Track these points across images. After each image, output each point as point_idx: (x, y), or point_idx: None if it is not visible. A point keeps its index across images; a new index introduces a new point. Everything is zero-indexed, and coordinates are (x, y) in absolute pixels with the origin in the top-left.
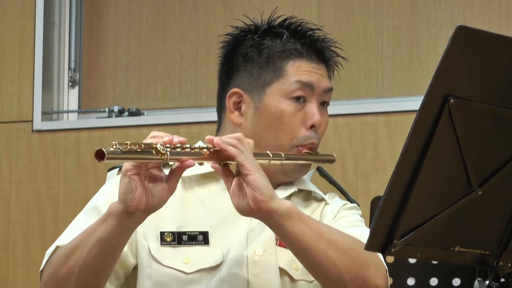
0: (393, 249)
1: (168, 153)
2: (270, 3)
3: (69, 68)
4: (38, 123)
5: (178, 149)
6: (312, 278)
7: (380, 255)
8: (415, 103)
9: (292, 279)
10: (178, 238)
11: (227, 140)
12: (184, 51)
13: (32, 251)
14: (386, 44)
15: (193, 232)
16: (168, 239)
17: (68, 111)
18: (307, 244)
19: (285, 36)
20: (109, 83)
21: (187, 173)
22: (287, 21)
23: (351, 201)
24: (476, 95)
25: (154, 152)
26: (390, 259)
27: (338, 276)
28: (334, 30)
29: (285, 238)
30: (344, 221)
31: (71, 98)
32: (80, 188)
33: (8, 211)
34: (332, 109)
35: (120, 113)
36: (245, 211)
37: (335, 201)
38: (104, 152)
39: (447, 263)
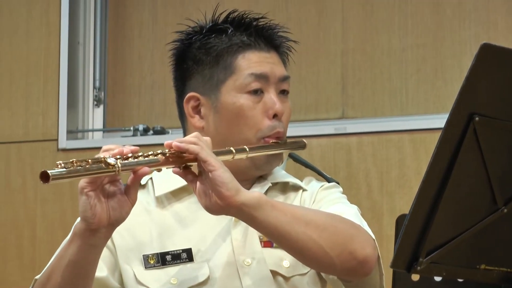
0: (418, 267)
1: (118, 164)
2: (295, 23)
3: (94, 87)
4: (63, 142)
5: (130, 159)
6: (304, 271)
7: (365, 226)
8: (440, 121)
9: (285, 278)
10: (162, 259)
11: (186, 140)
12: None
13: None
14: (411, 62)
15: (176, 251)
16: (151, 262)
17: (93, 130)
18: (285, 230)
19: (229, 31)
20: (134, 101)
21: (159, 191)
22: (230, 16)
23: (329, 180)
24: (501, 113)
25: (104, 165)
26: (416, 277)
27: (324, 254)
28: (359, 48)
29: (261, 229)
30: (324, 201)
31: (96, 117)
32: None
33: (34, 230)
34: (356, 127)
35: (145, 131)
36: (214, 209)
37: (312, 185)
38: (48, 174)
39: (473, 281)
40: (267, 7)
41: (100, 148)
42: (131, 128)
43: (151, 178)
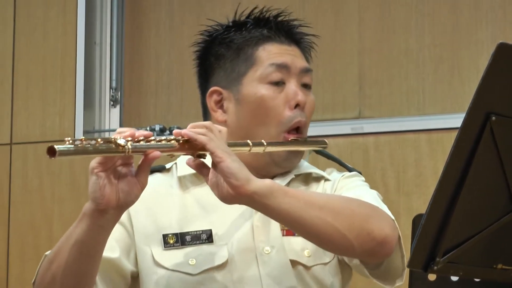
0: (435, 267)
1: (129, 145)
2: (311, 23)
3: (111, 87)
4: None
5: (142, 142)
6: (326, 260)
7: (385, 208)
8: (456, 120)
9: (306, 267)
10: (182, 239)
11: (196, 130)
12: None
13: None
14: (428, 62)
15: (196, 231)
16: (171, 241)
17: (109, 130)
18: (299, 215)
19: (249, 24)
20: (150, 101)
21: (182, 172)
22: (252, 13)
23: (350, 170)
24: None
25: (113, 145)
26: (432, 276)
27: (341, 237)
28: (375, 49)
29: (275, 216)
30: (344, 189)
31: (112, 117)
32: None
33: (51, 230)
34: (373, 126)
35: (162, 131)
36: (228, 199)
37: (333, 175)
38: (55, 149)
39: (489, 281)
40: (283, 7)
41: None
42: (148, 128)
43: (175, 163)
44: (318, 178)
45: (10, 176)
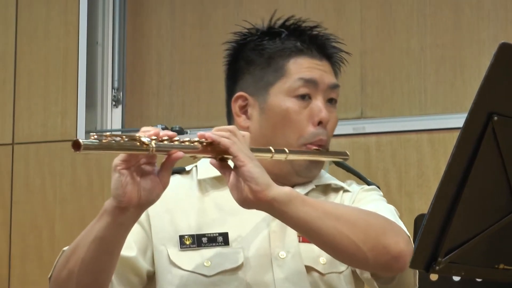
0: (437, 267)
1: (153, 144)
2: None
3: (113, 87)
4: None
5: (166, 142)
6: (341, 269)
7: (401, 223)
8: (458, 120)
9: (321, 274)
10: (198, 241)
11: (220, 133)
12: None
13: None
14: (429, 62)
15: (213, 233)
16: (187, 242)
17: (111, 130)
18: (315, 225)
19: (283, 35)
20: (152, 102)
21: (202, 175)
22: (286, 22)
23: (369, 183)
24: None
25: (138, 143)
26: (434, 276)
27: (356, 249)
28: (377, 48)
29: (292, 224)
30: (362, 202)
31: (114, 117)
32: None
33: (53, 230)
34: (375, 126)
35: None
36: (246, 203)
37: (353, 187)
38: (80, 142)
39: (491, 281)
40: (286, 6)
41: None
42: None
43: (196, 165)
44: (337, 189)
45: (12, 176)
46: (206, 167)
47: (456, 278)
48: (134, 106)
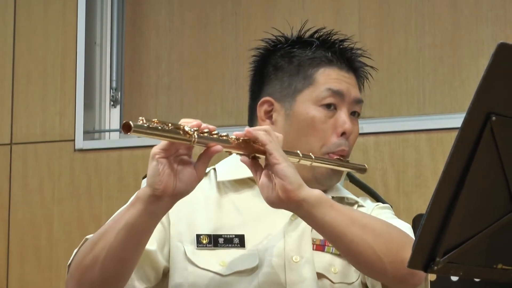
0: (435, 267)
1: (195, 135)
2: (312, 23)
3: (111, 88)
4: (80, 143)
5: (206, 134)
6: (351, 280)
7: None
8: (457, 120)
9: (332, 282)
10: (214, 241)
11: (258, 128)
12: (226, 69)
13: None
14: (428, 62)
15: (229, 235)
16: (204, 242)
17: (110, 130)
18: (341, 231)
19: (314, 45)
20: (150, 102)
21: (222, 177)
22: (317, 32)
23: (383, 202)
24: None
25: (181, 132)
26: (433, 276)
27: (377, 259)
28: (375, 48)
29: (317, 227)
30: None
31: (112, 117)
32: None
33: (51, 230)
34: (373, 126)
35: None
36: (275, 202)
37: (367, 203)
38: (130, 124)
39: (489, 280)
40: (284, 7)
41: (116, 148)
42: None
43: (214, 168)
44: (352, 203)
45: (10, 176)
46: (225, 170)
47: (455, 278)
48: (132, 106)
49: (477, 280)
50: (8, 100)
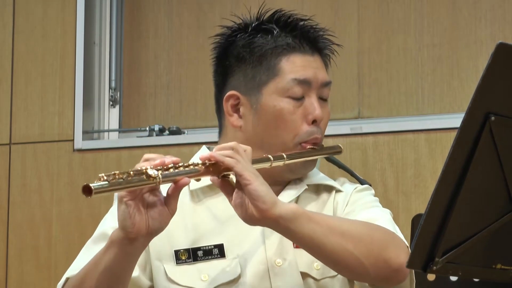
0: (434, 267)
1: (160, 175)
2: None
3: (110, 88)
4: (79, 143)
5: (171, 169)
6: (334, 273)
7: (398, 232)
8: (456, 120)
9: (315, 280)
10: (193, 255)
11: (222, 152)
12: None
13: None
14: (427, 62)
15: (208, 246)
16: (183, 257)
17: (109, 130)
18: (321, 241)
19: (275, 32)
20: (149, 102)
21: (193, 186)
22: (276, 15)
23: (362, 182)
24: None
25: (145, 177)
26: (431, 276)
27: (358, 264)
28: (375, 48)
29: (296, 240)
30: (357, 204)
31: (111, 117)
32: None
33: (50, 230)
34: (372, 126)
35: (161, 132)
36: (252, 221)
37: (345, 187)
38: (91, 188)
39: (488, 281)
40: (282, 6)
41: (115, 148)
42: (147, 129)
43: None
44: (330, 189)
45: (9, 177)
46: None
47: (454, 278)
48: (131, 106)
49: (476, 280)
50: (7, 100)
